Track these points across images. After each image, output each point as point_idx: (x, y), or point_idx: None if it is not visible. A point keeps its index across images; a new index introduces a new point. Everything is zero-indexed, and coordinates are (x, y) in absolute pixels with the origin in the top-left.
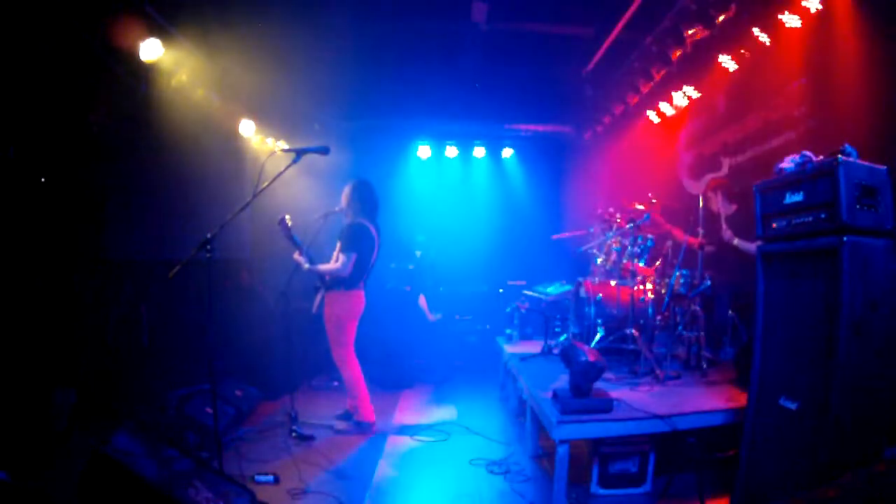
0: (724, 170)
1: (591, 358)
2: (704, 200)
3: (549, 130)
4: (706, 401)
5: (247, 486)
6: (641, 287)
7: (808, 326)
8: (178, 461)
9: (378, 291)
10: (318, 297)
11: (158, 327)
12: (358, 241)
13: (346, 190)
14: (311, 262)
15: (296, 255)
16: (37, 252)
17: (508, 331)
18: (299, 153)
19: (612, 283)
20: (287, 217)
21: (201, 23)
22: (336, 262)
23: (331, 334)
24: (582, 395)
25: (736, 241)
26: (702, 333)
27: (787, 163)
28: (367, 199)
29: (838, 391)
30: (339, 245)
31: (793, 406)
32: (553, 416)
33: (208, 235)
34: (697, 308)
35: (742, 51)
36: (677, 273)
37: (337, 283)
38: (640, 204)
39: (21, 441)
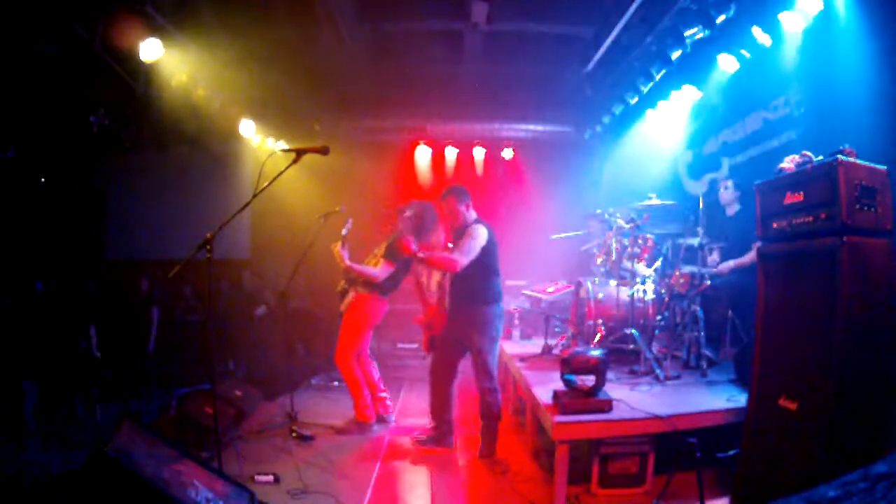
0: (724, 170)
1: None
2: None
3: (549, 130)
4: (706, 401)
5: (247, 486)
6: (641, 287)
7: (808, 326)
8: (178, 461)
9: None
10: (348, 299)
11: (159, 327)
12: (400, 256)
13: (416, 211)
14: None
15: (336, 248)
16: (35, 252)
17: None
18: (299, 153)
19: (612, 283)
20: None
21: (201, 23)
22: (376, 266)
23: (344, 333)
24: (582, 395)
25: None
26: (702, 333)
27: (787, 163)
28: (427, 221)
29: (838, 391)
30: (381, 250)
31: (793, 406)
32: (553, 416)
33: (208, 235)
34: (697, 308)
35: (742, 51)
36: (677, 273)
37: (371, 286)
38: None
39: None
